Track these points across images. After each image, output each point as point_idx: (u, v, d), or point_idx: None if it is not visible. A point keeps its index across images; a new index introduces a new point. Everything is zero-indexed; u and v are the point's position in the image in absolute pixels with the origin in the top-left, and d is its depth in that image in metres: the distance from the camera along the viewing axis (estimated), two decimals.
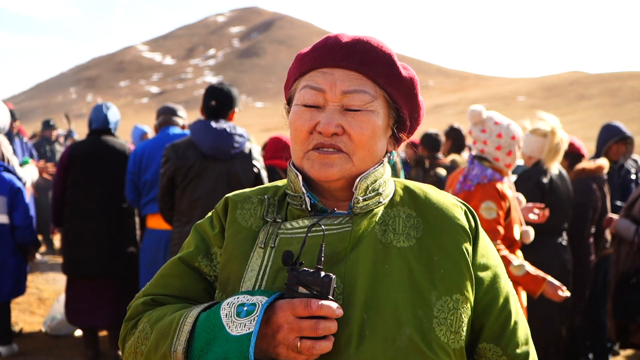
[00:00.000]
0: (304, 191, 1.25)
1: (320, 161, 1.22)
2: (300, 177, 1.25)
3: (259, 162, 4.02)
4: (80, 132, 11.41)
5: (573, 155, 5.12)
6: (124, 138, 7.65)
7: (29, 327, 5.81)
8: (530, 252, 4.27)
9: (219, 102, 3.98)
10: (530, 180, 4.36)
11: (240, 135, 3.95)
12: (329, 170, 1.22)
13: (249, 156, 3.97)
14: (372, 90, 1.24)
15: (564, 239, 4.48)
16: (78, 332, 5.53)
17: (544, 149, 4.28)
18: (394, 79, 1.26)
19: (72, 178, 4.75)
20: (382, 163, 1.28)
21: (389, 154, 1.33)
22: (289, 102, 1.34)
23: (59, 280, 7.55)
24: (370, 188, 1.25)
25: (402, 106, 1.28)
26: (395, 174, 1.36)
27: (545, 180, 4.35)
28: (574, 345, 5.01)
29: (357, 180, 1.24)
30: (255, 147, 4.09)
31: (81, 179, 4.72)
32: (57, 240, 9.48)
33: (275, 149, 5.28)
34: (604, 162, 4.98)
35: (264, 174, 4.04)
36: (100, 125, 4.86)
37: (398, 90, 1.27)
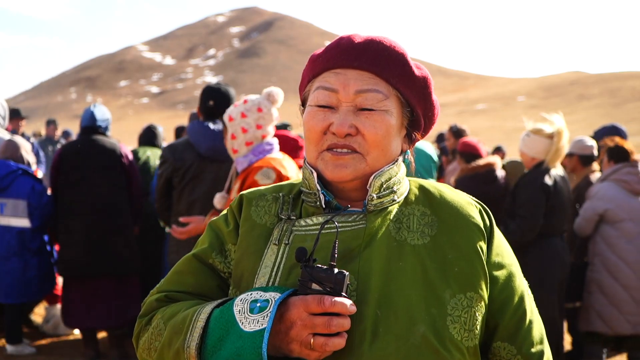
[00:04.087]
0: (319, 188, 1.25)
1: (333, 162, 1.22)
2: (315, 174, 1.26)
3: None
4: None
5: (470, 154, 5.38)
6: (125, 137, 7.58)
7: (29, 327, 5.80)
8: (533, 253, 4.27)
9: (216, 102, 3.97)
10: (535, 183, 4.29)
11: None
12: (343, 171, 1.22)
13: None
14: (385, 90, 1.23)
15: (564, 241, 4.47)
16: (77, 331, 5.52)
17: (549, 151, 4.25)
18: (407, 78, 1.25)
19: (62, 178, 4.74)
20: (396, 162, 1.28)
21: (403, 153, 1.33)
22: (304, 103, 1.35)
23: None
24: (384, 186, 1.25)
25: (416, 105, 1.28)
26: (409, 173, 1.38)
27: (549, 182, 4.30)
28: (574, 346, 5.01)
29: (372, 177, 1.24)
30: None
31: (71, 179, 4.71)
32: None
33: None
34: (494, 160, 5.29)
35: None
36: (88, 124, 4.84)
37: (411, 90, 1.26)
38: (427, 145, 5.74)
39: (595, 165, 5.33)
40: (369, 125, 1.22)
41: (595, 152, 5.28)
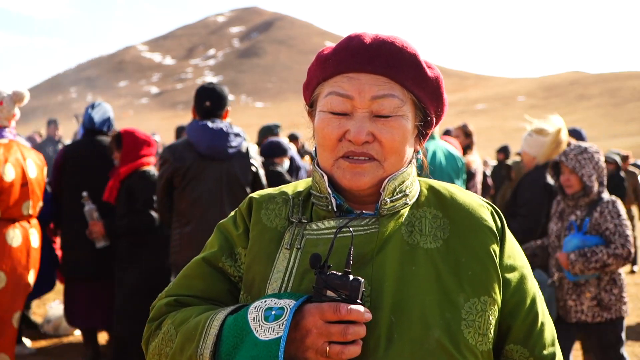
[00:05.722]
0: (330, 192, 1.24)
1: (351, 170, 1.20)
2: (325, 177, 1.24)
3: (256, 161, 4.03)
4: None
5: None
6: None
7: (29, 327, 5.80)
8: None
9: (213, 102, 3.97)
10: (538, 182, 4.28)
11: (237, 135, 3.95)
12: (361, 179, 1.20)
13: (246, 155, 3.97)
14: (401, 94, 1.21)
15: None
16: (78, 332, 5.52)
17: (550, 150, 4.25)
18: (421, 80, 1.23)
19: (66, 179, 4.72)
20: (409, 164, 1.27)
21: (416, 154, 1.31)
22: (311, 104, 1.31)
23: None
24: (397, 189, 1.23)
25: (429, 106, 1.26)
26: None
27: (552, 182, 4.30)
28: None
29: (386, 181, 1.22)
30: (252, 146, 4.09)
31: (74, 180, 4.67)
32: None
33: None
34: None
35: (261, 172, 4.04)
36: (88, 127, 4.80)
37: (425, 92, 1.24)
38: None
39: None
40: (386, 132, 1.19)
41: None
